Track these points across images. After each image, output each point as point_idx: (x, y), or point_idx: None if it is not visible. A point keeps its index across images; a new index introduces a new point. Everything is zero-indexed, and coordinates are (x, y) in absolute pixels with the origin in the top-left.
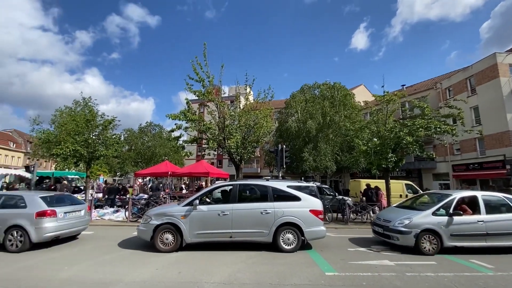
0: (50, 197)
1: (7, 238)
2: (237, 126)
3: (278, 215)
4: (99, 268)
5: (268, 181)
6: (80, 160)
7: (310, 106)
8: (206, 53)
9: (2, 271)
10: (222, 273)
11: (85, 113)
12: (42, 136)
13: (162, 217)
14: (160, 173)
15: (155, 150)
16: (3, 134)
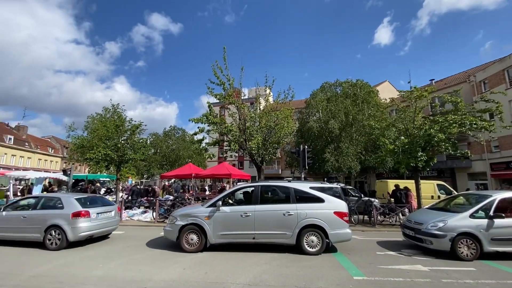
0: (84, 199)
1: (47, 237)
2: (257, 127)
3: (301, 217)
4: (130, 266)
5: (290, 183)
6: (111, 163)
7: (332, 105)
8: (226, 56)
9: (43, 267)
10: (247, 274)
11: (114, 119)
12: (76, 141)
13: (187, 218)
14: (184, 175)
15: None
16: (42, 141)
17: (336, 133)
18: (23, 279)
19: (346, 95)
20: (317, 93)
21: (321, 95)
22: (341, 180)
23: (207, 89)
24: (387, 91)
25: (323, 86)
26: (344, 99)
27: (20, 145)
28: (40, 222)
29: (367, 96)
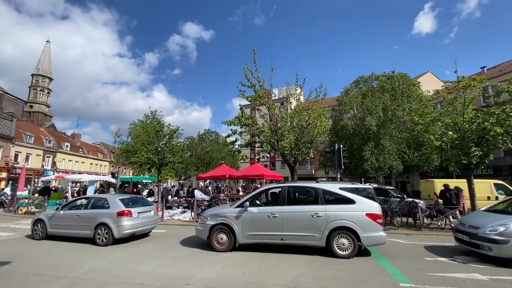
0: (127, 199)
1: (96, 234)
2: (289, 127)
3: (331, 219)
4: (173, 263)
5: (318, 183)
6: (152, 166)
7: (367, 101)
8: (255, 58)
9: (98, 262)
10: (285, 276)
11: (154, 125)
12: (122, 146)
13: (216, 218)
14: (219, 176)
15: (213, 155)
16: (93, 147)
17: (373, 130)
18: (82, 272)
19: (384, 89)
20: (350, 89)
21: (355, 90)
22: (380, 180)
23: (239, 91)
24: (429, 83)
25: (357, 81)
26: (382, 94)
27: (75, 151)
28: (91, 220)
29: (407, 89)
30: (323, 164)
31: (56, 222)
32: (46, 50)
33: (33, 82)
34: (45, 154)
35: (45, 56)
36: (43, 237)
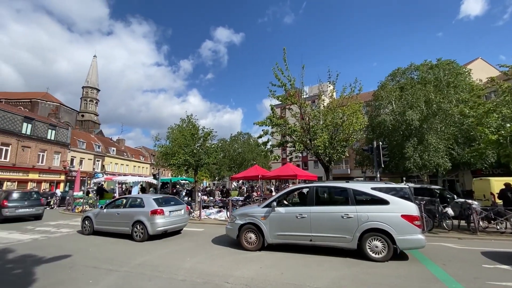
0: (160, 199)
1: (134, 230)
2: (322, 125)
3: (362, 220)
4: (212, 261)
5: (348, 183)
6: (189, 167)
7: (407, 94)
8: (286, 57)
9: (145, 258)
10: (324, 278)
11: (190, 128)
12: (161, 150)
13: (245, 217)
14: (252, 176)
15: (244, 156)
16: (135, 150)
17: (415, 126)
18: (131, 266)
19: (425, 80)
20: (387, 82)
21: (392, 84)
22: (424, 180)
23: (269, 92)
24: (479, 70)
25: (393, 74)
26: (424, 86)
27: (120, 155)
28: (129, 218)
29: (454, 78)
30: (359, 163)
31: (100, 220)
32: (94, 64)
33: (84, 94)
34: (95, 158)
35: (92, 69)
36: (91, 233)
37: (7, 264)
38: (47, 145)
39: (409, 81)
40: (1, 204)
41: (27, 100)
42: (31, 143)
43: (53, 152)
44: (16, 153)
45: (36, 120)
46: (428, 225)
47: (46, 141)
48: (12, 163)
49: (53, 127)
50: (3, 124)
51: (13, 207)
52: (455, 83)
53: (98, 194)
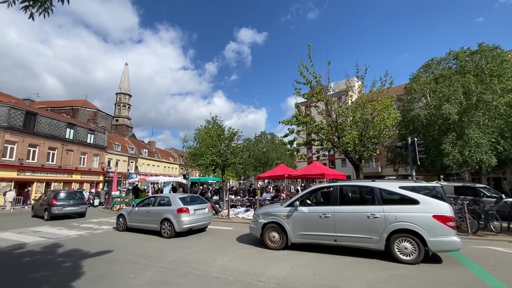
0: (186, 198)
1: (162, 227)
2: (351, 122)
3: (390, 220)
4: (243, 260)
5: (375, 182)
6: (217, 167)
7: (443, 86)
8: (311, 54)
9: (178, 254)
10: (360, 281)
11: (216, 129)
12: (189, 150)
13: (268, 217)
14: (277, 175)
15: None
16: (165, 152)
17: (454, 119)
18: (166, 262)
19: (464, 69)
20: (419, 74)
21: (425, 75)
22: (465, 177)
23: (294, 89)
24: None
25: (427, 65)
26: (462, 76)
27: (151, 157)
28: (157, 216)
29: (498, 66)
30: (391, 161)
31: (132, 217)
32: (125, 71)
33: (117, 100)
34: (129, 160)
35: (124, 76)
36: (124, 229)
37: (58, 258)
38: (87, 148)
39: (445, 71)
40: (50, 203)
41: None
42: (73, 147)
43: (92, 154)
44: (61, 156)
45: (77, 125)
46: (473, 226)
47: (86, 144)
48: (58, 165)
49: (91, 132)
50: (50, 130)
51: (61, 205)
52: (499, 71)
53: (134, 193)
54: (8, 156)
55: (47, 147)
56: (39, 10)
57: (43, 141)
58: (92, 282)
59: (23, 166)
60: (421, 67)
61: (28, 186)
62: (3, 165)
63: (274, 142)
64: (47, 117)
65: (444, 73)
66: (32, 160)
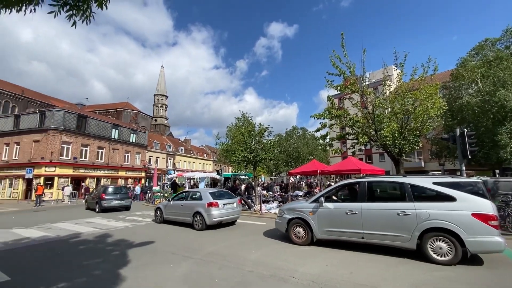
0: (215, 192)
1: (194, 220)
2: (389, 114)
3: (422, 218)
4: (277, 255)
5: (406, 177)
6: (248, 163)
7: (498, 69)
8: (344, 43)
9: (214, 247)
10: (400, 281)
11: (246, 126)
12: (222, 147)
13: (293, 212)
14: (310, 171)
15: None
16: (199, 149)
17: (510, 107)
18: (203, 255)
19: None
20: (468, 58)
21: (477, 58)
22: None
23: (326, 82)
24: None
25: (479, 47)
26: None
27: (187, 154)
28: (190, 209)
29: None
30: (436, 155)
31: (168, 210)
32: (162, 74)
33: (155, 101)
34: (168, 157)
35: (161, 78)
36: (161, 221)
37: (107, 246)
38: (130, 147)
39: (501, 53)
40: (100, 197)
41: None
42: (118, 146)
43: (135, 152)
44: (109, 154)
45: (121, 126)
46: None
47: (129, 143)
48: (106, 163)
49: (134, 132)
50: (98, 131)
51: (109, 199)
52: None
53: (172, 188)
54: (65, 155)
55: (96, 146)
56: (82, 18)
57: (93, 141)
58: (137, 270)
59: (77, 164)
60: (472, 49)
61: (82, 182)
62: (61, 163)
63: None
64: (96, 119)
65: (499, 54)
66: (84, 159)
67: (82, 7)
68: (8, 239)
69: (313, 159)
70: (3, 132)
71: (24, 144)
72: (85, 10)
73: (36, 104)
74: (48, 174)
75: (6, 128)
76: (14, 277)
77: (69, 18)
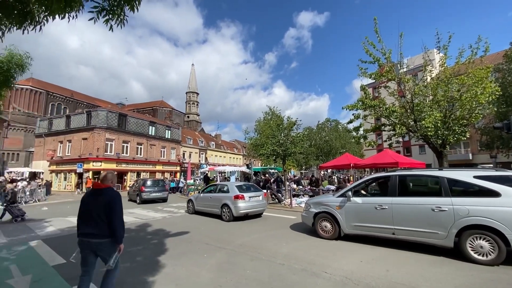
0: (242, 185)
1: (222, 212)
2: (431, 102)
3: (461, 215)
4: (308, 249)
5: (442, 171)
6: (277, 157)
7: None
8: (377, 29)
9: (245, 239)
10: (444, 283)
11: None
12: (251, 141)
13: (319, 206)
14: (342, 165)
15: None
16: (230, 144)
17: None
18: (235, 246)
19: None
20: None
21: None
22: None
23: (359, 70)
24: None
25: None
26: None
27: (218, 148)
28: (218, 201)
29: None
30: (486, 146)
31: (199, 202)
32: (192, 72)
33: (187, 98)
34: (200, 152)
35: (192, 76)
36: (193, 212)
37: (147, 235)
38: (166, 142)
39: None
40: (140, 190)
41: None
42: (155, 142)
43: (170, 148)
44: (147, 150)
45: (157, 123)
46: None
47: (165, 139)
48: (145, 158)
49: (168, 128)
50: (137, 129)
51: (148, 191)
52: None
53: (204, 181)
54: (109, 151)
55: (136, 142)
56: (117, 22)
57: (133, 137)
58: (175, 258)
59: (120, 159)
60: None
61: (124, 176)
62: (106, 158)
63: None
64: (134, 118)
65: None
66: (125, 154)
67: (116, 11)
68: (64, 226)
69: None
70: (57, 131)
71: (75, 142)
72: (119, 14)
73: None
74: (95, 169)
75: (59, 127)
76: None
77: (106, 23)
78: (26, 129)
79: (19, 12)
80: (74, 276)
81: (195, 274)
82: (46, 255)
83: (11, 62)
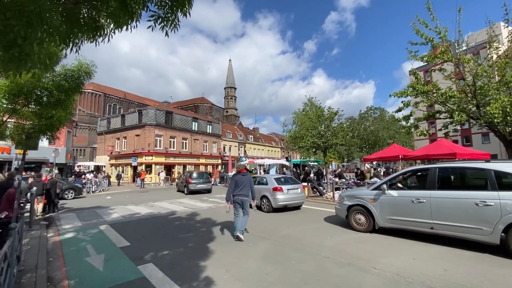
0: (281, 178)
1: (262, 203)
2: (497, 84)
3: (508, 210)
4: (354, 244)
5: (488, 163)
6: (318, 149)
7: None
8: (430, 5)
9: (289, 231)
10: (507, 284)
11: (314, 110)
12: (289, 134)
13: (353, 199)
14: (389, 157)
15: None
16: (268, 137)
17: None
18: (279, 237)
19: None
20: None
21: None
22: None
23: (409, 53)
24: None
25: None
26: None
27: (256, 141)
28: (258, 193)
29: None
30: None
31: None
32: (230, 67)
33: (226, 93)
34: (239, 145)
35: (229, 71)
36: None
37: (196, 223)
38: (207, 137)
39: None
40: (187, 181)
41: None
42: (198, 137)
43: (212, 142)
44: (191, 144)
45: (199, 119)
46: None
47: (207, 134)
48: (189, 152)
49: (209, 123)
50: (182, 125)
51: (194, 183)
52: None
53: None
54: (158, 146)
55: (181, 137)
56: (170, 27)
57: (178, 133)
58: (222, 245)
59: (168, 153)
60: None
61: (172, 168)
62: (156, 152)
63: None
64: (179, 114)
65: None
66: (172, 148)
67: (170, 17)
68: (125, 213)
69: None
70: (115, 129)
71: (129, 138)
72: (173, 20)
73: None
74: (147, 162)
75: (116, 126)
76: (133, 243)
77: (162, 29)
78: (90, 128)
79: (91, 28)
80: (138, 257)
81: (242, 261)
82: (114, 237)
83: (80, 70)
